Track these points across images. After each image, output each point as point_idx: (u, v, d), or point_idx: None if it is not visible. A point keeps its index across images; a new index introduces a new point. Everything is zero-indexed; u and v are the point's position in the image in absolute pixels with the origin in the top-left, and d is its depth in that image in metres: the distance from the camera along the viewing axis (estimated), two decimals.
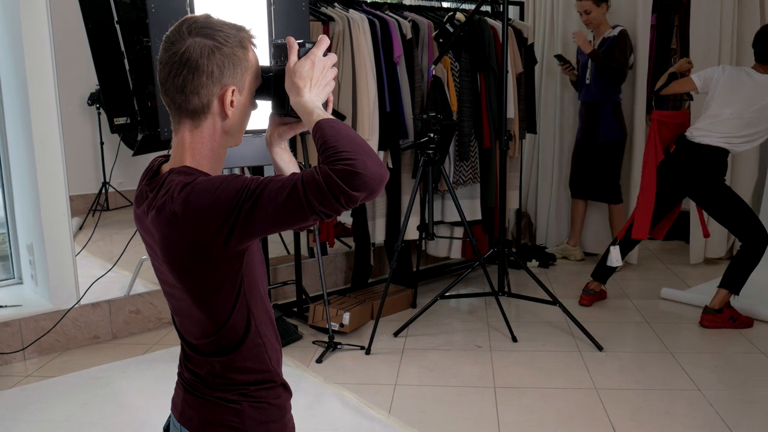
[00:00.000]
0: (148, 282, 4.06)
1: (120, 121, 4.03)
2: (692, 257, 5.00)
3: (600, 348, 3.55)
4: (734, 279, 3.81)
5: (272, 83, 1.35)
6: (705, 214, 4.11)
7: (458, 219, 4.20)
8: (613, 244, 4.10)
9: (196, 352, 1.37)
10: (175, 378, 1.46)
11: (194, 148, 1.31)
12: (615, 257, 4.04)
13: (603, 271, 4.19)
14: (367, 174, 1.15)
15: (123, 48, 3.91)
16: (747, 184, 4.95)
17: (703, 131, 3.84)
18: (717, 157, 3.83)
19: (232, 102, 1.29)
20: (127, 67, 3.92)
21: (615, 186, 4.90)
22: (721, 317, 3.82)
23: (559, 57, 4.83)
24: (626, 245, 4.11)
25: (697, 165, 3.85)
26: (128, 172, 6.30)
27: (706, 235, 4.22)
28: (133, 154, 4.32)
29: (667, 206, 3.99)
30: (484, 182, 4.59)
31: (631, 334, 3.82)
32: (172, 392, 1.47)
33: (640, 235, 3.97)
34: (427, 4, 4.74)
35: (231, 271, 1.27)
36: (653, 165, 3.95)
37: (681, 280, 4.67)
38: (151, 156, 1.46)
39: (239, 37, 1.30)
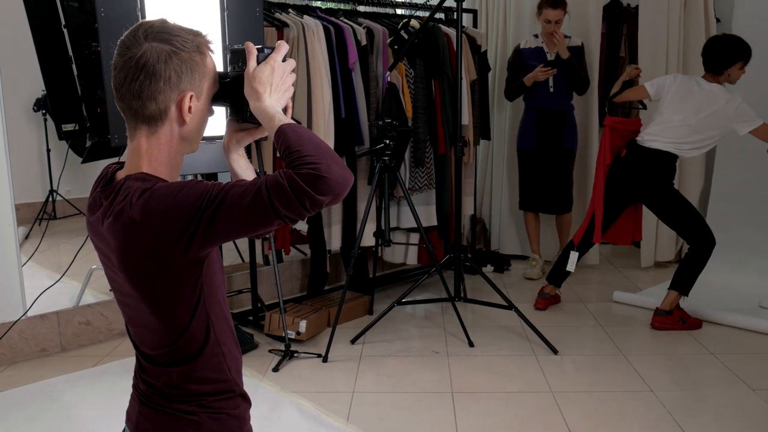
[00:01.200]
0: (98, 292, 3.96)
1: (68, 127, 3.94)
2: (643, 261, 5.10)
3: (555, 351, 3.59)
4: (683, 281, 3.90)
5: (230, 89, 1.34)
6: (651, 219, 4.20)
7: (414, 225, 4.21)
8: (573, 249, 4.16)
9: (152, 363, 1.34)
10: (129, 390, 1.43)
11: (151, 154, 1.28)
12: (572, 262, 4.10)
13: (559, 275, 4.24)
14: (332, 178, 1.14)
15: (71, 52, 3.82)
16: (694, 190, 5.07)
17: (653, 136, 3.94)
18: (666, 161, 3.93)
19: (190, 108, 1.27)
20: (76, 73, 3.83)
21: (570, 194, 4.97)
22: (672, 318, 3.91)
23: (548, 63, 4.66)
24: (583, 249, 4.18)
25: (648, 169, 3.94)
26: (76, 179, 6.15)
27: (639, 237, 4.32)
28: (82, 162, 4.22)
29: (617, 209, 4.08)
30: (440, 188, 4.61)
31: (585, 337, 3.88)
32: (126, 405, 1.43)
33: (598, 239, 4.05)
34: (382, 11, 4.75)
35: (190, 280, 1.25)
36: (602, 170, 4.04)
37: (632, 284, 4.76)
38: (101, 163, 1.43)
39: (196, 42, 1.28)
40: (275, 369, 3.43)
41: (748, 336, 3.80)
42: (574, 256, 4.10)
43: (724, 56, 3.86)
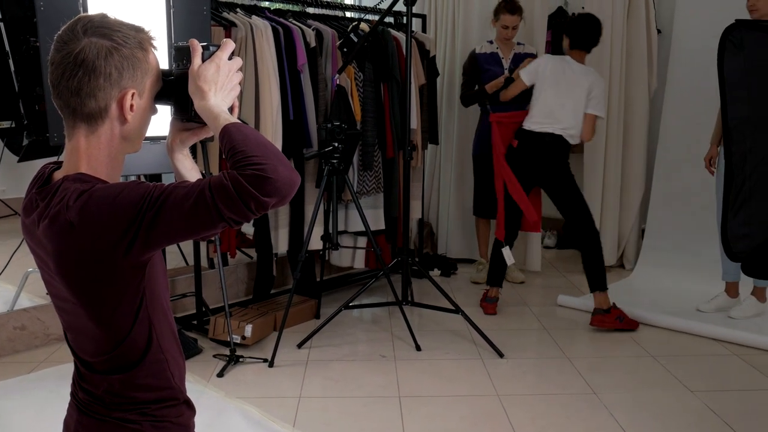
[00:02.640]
0: (34, 296, 3.84)
1: (4, 125, 3.81)
2: None
3: (501, 355, 3.62)
4: (596, 279, 4.04)
5: (174, 87, 1.30)
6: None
7: (362, 229, 4.20)
8: (502, 246, 4.24)
9: (91, 370, 1.30)
10: (67, 398, 1.39)
11: (90, 154, 1.24)
12: (508, 255, 4.19)
13: (498, 275, 4.30)
14: (278, 179, 1.12)
15: (8, 47, 3.71)
16: (634, 196, 5.19)
17: (539, 121, 4.14)
18: (558, 143, 4.11)
19: (131, 106, 1.23)
20: (12, 68, 3.72)
21: None
22: (609, 317, 3.99)
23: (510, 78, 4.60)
24: (510, 241, 4.29)
25: (543, 153, 4.13)
26: (12, 179, 5.94)
27: (539, 229, 4.52)
28: (19, 160, 4.09)
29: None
30: (388, 192, 4.61)
31: (530, 341, 3.92)
32: (63, 413, 1.39)
33: (536, 227, 4.31)
34: (331, 13, 4.73)
35: (132, 284, 1.21)
36: (504, 162, 4.24)
37: (576, 288, 4.83)
38: (39, 162, 1.38)
39: (138, 38, 1.24)
40: (220, 374, 3.37)
41: (686, 339, 3.90)
42: (506, 250, 4.20)
43: (596, 34, 4.12)
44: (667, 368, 3.50)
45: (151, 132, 1.35)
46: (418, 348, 3.71)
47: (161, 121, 1.39)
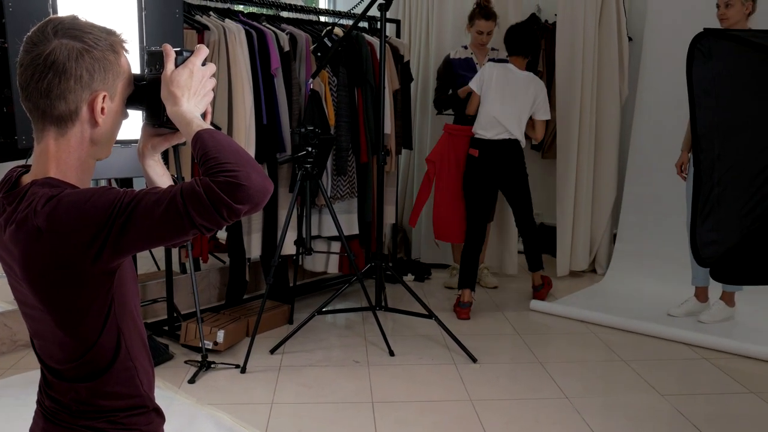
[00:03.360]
0: (1, 301, 3.77)
1: None
2: (559, 270, 5.22)
3: (474, 360, 3.63)
4: (535, 261, 4.59)
5: (146, 92, 1.29)
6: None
7: (336, 234, 4.19)
8: (472, 249, 4.46)
9: (58, 378, 1.28)
10: (33, 406, 1.36)
11: (60, 158, 1.22)
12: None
13: (468, 278, 4.38)
14: (251, 186, 1.11)
15: None
16: (606, 201, 5.24)
17: (491, 128, 4.38)
18: (516, 147, 4.42)
19: (102, 109, 1.22)
20: None
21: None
22: (545, 290, 4.64)
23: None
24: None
25: (506, 158, 4.40)
26: None
27: (462, 240, 4.64)
28: None
29: (487, 206, 4.55)
30: (362, 197, 4.61)
31: (503, 346, 3.94)
32: (29, 422, 1.37)
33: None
34: (305, 17, 4.72)
35: (100, 291, 1.19)
36: (452, 170, 4.58)
37: (549, 293, 4.86)
38: (6, 165, 1.35)
39: (110, 40, 1.23)
40: (191, 380, 3.34)
41: (657, 343, 3.94)
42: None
43: (530, 40, 4.45)
44: (638, 372, 3.54)
45: (122, 136, 1.34)
46: (391, 353, 3.71)
47: (133, 125, 1.38)
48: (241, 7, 4.38)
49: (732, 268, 1.98)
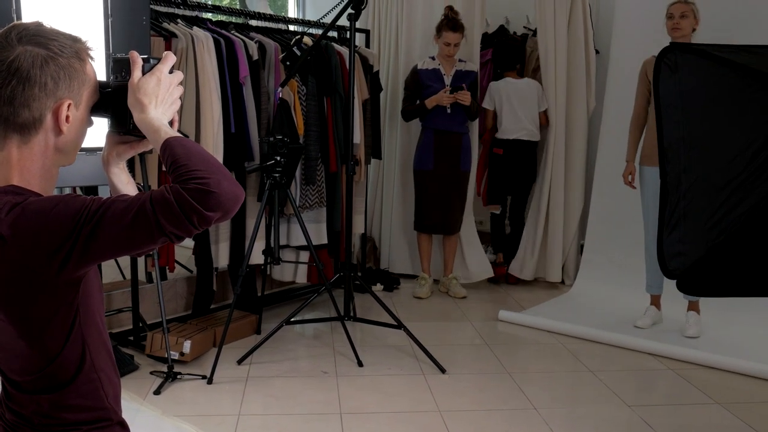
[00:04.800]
0: None
1: None
2: (524, 275, 5.27)
3: (443, 370, 3.63)
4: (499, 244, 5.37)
5: (112, 99, 1.27)
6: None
7: (304, 243, 4.16)
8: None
9: (19, 390, 1.25)
10: None
11: (23, 165, 1.20)
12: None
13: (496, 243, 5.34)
14: (222, 193, 1.10)
15: None
16: (573, 213, 5.29)
17: (512, 132, 5.14)
18: (531, 146, 5.25)
19: (67, 117, 1.20)
20: None
21: (462, 215, 5.06)
22: (502, 270, 5.35)
23: (455, 89, 4.74)
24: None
25: (521, 155, 5.21)
26: None
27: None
28: None
29: (506, 192, 5.37)
30: (330, 206, 4.59)
31: (472, 356, 3.95)
32: None
33: None
34: (274, 26, 4.71)
35: (65, 301, 1.17)
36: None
37: (517, 303, 4.89)
38: None
39: (75, 48, 1.21)
40: (157, 392, 3.29)
41: (624, 353, 3.97)
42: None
43: (517, 50, 5.32)
44: (605, 383, 3.56)
45: (86, 143, 1.32)
46: (360, 364, 3.69)
47: (97, 132, 1.36)
48: (209, 15, 4.35)
49: (698, 280, 2.01)
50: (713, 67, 2.00)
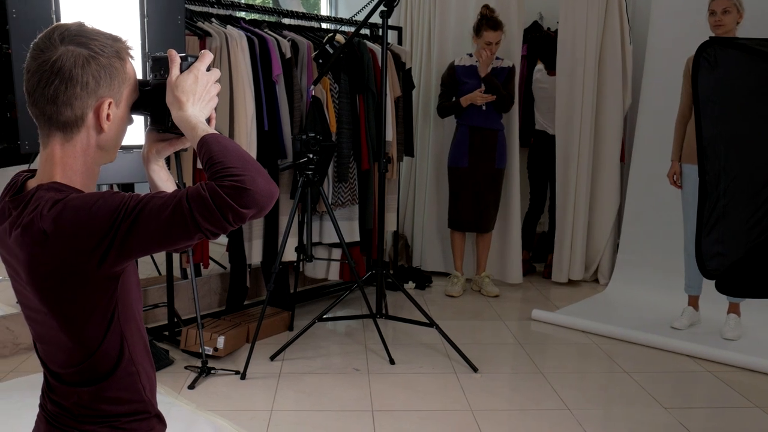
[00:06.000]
0: (3, 304, 3.77)
1: None
2: (555, 276, 5.22)
3: (475, 369, 3.62)
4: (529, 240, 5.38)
5: (151, 97, 1.29)
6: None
7: (336, 240, 4.18)
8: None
9: (60, 382, 1.28)
10: (35, 409, 1.36)
11: (65, 163, 1.22)
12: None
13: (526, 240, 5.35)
14: (257, 190, 1.12)
15: None
16: (609, 210, 5.23)
17: (548, 126, 5.29)
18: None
19: (108, 115, 1.22)
20: None
21: (496, 214, 5.03)
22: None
23: (493, 87, 4.73)
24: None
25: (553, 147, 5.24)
26: None
27: None
28: None
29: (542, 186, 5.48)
30: (363, 204, 4.60)
31: (504, 355, 3.92)
32: (31, 424, 1.36)
33: None
34: (307, 24, 4.72)
35: (105, 295, 1.19)
36: None
37: (551, 302, 4.85)
38: (9, 170, 1.36)
39: (116, 47, 1.23)
40: (191, 386, 3.32)
41: (660, 355, 3.91)
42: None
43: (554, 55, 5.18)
44: (640, 384, 3.52)
45: (125, 141, 1.34)
46: (391, 361, 3.70)
47: (136, 130, 1.38)
48: (243, 14, 4.38)
49: (738, 280, 1.97)
50: (754, 62, 1.95)
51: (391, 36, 5.23)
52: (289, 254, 4.15)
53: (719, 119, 1.96)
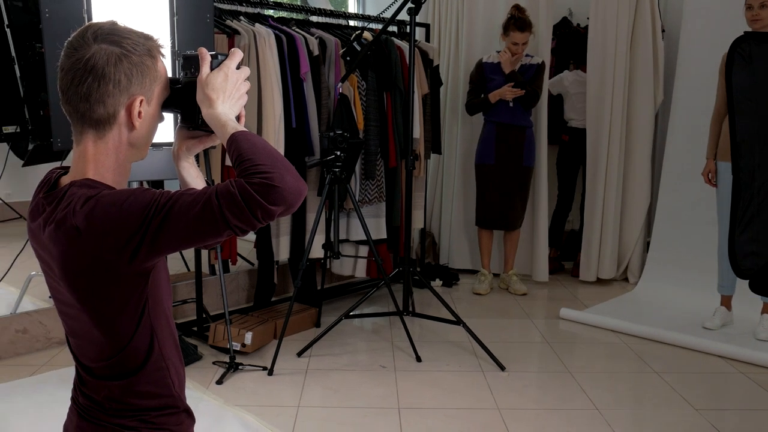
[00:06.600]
0: (37, 299, 3.83)
1: (9, 129, 3.82)
2: (583, 274, 5.17)
3: (502, 368, 3.60)
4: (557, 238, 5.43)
5: (182, 95, 1.30)
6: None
7: (363, 238, 4.18)
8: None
9: (92, 376, 1.30)
10: (67, 402, 1.39)
11: (98, 160, 1.24)
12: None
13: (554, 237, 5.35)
14: (285, 188, 1.12)
15: (14, 53, 3.71)
16: (640, 208, 5.17)
17: (577, 121, 5.32)
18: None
19: (140, 113, 1.23)
20: (18, 74, 3.72)
21: (524, 211, 5.00)
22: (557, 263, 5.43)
23: (518, 85, 4.70)
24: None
25: (584, 142, 5.21)
26: (17, 183, 5.95)
27: None
28: (23, 165, 4.10)
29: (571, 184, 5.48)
30: (390, 201, 4.60)
31: (532, 354, 3.90)
32: (63, 417, 1.38)
33: None
34: (335, 21, 4.73)
35: (135, 291, 1.20)
36: None
37: (579, 301, 4.81)
38: (43, 167, 1.38)
39: (148, 45, 1.24)
40: (219, 381, 3.35)
41: (691, 355, 3.86)
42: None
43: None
44: (671, 385, 3.47)
45: (156, 138, 1.36)
46: (418, 359, 3.69)
47: (166, 127, 1.39)
48: (271, 12, 4.40)
49: None
50: None
51: (419, 33, 5.22)
52: (317, 251, 4.17)
53: (754, 116, 1.93)
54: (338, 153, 3.72)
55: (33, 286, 3.76)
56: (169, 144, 1.41)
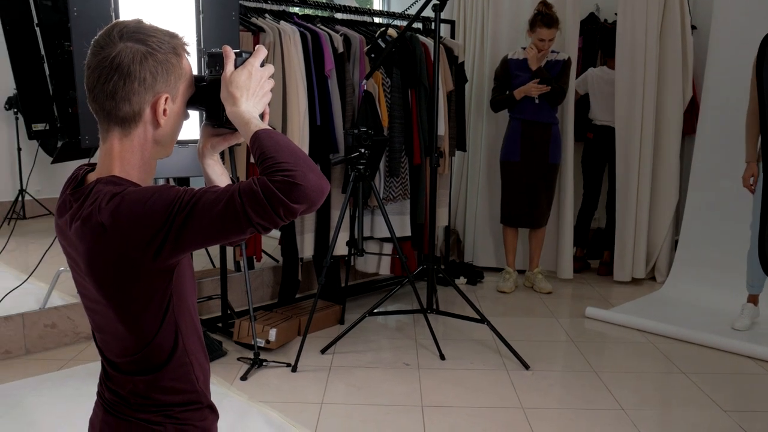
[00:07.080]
0: (65, 294, 3.88)
1: (38, 127, 3.88)
2: (617, 275, 5.12)
3: (527, 367, 3.58)
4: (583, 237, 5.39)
5: (207, 93, 1.31)
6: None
7: (388, 235, 4.18)
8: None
9: (117, 371, 1.31)
10: (93, 397, 1.40)
11: (123, 157, 1.25)
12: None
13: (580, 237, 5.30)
14: (308, 186, 1.12)
15: (43, 51, 3.76)
16: (668, 205, 5.11)
17: (602, 118, 5.23)
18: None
19: (165, 110, 1.24)
20: (47, 72, 3.77)
21: (550, 209, 4.97)
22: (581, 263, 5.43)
23: (543, 80, 4.67)
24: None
25: (610, 140, 5.15)
26: (47, 179, 6.06)
27: None
28: (52, 162, 4.16)
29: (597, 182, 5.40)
30: (414, 198, 4.60)
31: (557, 353, 3.87)
32: (90, 411, 1.39)
33: None
34: (359, 19, 4.73)
35: (160, 287, 1.21)
36: None
37: (605, 300, 4.77)
38: (71, 164, 1.40)
39: (173, 43, 1.25)
40: (243, 377, 3.37)
41: (719, 355, 3.81)
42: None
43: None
44: (698, 385, 3.43)
45: (180, 136, 1.36)
46: (442, 357, 3.69)
47: (191, 125, 1.39)
48: (296, 9, 4.41)
49: None
50: None
51: (444, 30, 5.20)
52: (341, 248, 4.17)
53: None
54: (363, 150, 3.72)
55: (61, 281, 3.81)
56: (195, 141, 1.42)
